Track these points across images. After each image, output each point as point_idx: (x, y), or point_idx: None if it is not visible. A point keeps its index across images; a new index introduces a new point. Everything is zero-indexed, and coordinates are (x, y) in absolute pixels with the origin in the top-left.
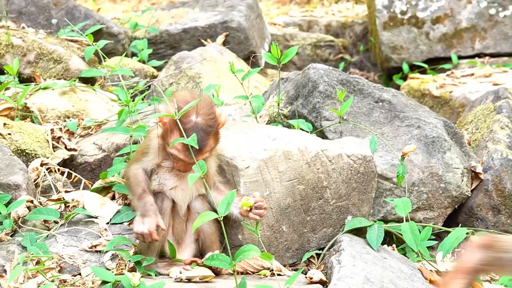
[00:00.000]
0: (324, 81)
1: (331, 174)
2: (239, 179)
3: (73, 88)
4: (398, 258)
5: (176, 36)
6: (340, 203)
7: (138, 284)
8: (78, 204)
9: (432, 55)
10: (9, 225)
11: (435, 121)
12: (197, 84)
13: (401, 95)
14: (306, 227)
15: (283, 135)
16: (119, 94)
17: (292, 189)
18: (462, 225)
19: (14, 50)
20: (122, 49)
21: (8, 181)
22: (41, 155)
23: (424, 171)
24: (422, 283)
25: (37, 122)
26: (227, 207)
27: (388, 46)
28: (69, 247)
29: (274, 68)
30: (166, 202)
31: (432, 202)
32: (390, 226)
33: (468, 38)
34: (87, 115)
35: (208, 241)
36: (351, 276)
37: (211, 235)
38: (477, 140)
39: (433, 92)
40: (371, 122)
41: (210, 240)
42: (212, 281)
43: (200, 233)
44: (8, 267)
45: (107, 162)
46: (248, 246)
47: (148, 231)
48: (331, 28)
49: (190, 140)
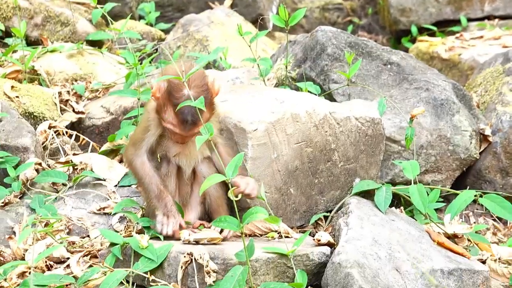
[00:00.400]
0: (332, 43)
1: (339, 136)
2: (247, 141)
3: (81, 51)
4: (406, 220)
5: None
6: (348, 166)
7: (146, 246)
8: (86, 166)
9: (441, 18)
10: (17, 187)
11: (443, 84)
12: (205, 47)
13: (410, 58)
14: (314, 189)
15: (291, 97)
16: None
17: (300, 152)
18: (470, 188)
19: (21, 12)
20: (129, 12)
21: (16, 144)
22: (49, 118)
23: (432, 134)
24: (429, 245)
25: (44, 85)
26: (235, 170)
27: (396, 9)
28: (77, 209)
29: (282, 31)
30: (172, 166)
31: (440, 164)
32: (398, 188)
33: (477, 0)
34: (94, 78)
35: (214, 205)
36: (358, 238)
37: (217, 198)
38: (486, 102)
39: (442, 54)
40: (380, 84)
41: (217, 204)
42: (221, 243)
43: (207, 196)
44: (17, 228)
45: (115, 125)
46: (256, 208)
47: (173, 232)
48: None
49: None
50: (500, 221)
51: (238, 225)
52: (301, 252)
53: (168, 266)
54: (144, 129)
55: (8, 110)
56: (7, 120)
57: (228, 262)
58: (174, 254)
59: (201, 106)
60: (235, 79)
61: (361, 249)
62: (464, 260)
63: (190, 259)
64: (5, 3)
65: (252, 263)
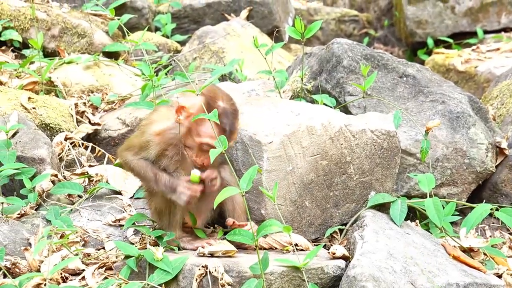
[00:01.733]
0: (348, 56)
1: (354, 149)
2: (262, 154)
3: (97, 62)
4: (421, 233)
5: (199, 11)
6: (363, 179)
7: (161, 258)
8: (102, 178)
9: (457, 30)
10: (33, 199)
11: (459, 96)
12: (221, 59)
13: (426, 70)
14: (329, 202)
15: (307, 110)
16: (142, 68)
17: (315, 165)
18: (486, 201)
19: (39, 24)
20: (145, 23)
21: (32, 155)
22: (65, 129)
23: (448, 147)
24: (445, 259)
25: (61, 97)
26: (249, 182)
27: (413, 21)
28: (93, 221)
29: (297, 43)
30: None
31: (456, 177)
32: (413, 201)
33: (494, 12)
34: (110, 89)
35: (239, 210)
36: (374, 251)
37: (241, 203)
38: (502, 115)
39: (458, 67)
40: (395, 97)
41: (242, 209)
42: (235, 256)
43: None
44: (33, 240)
45: None
46: (270, 221)
47: (191, 193)
48: (355, 3)
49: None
50: None
51: (252, 238)
52: (316, 265)
53: (183, 279)
54: (140, 148)
55: (24, 121)
56: (24, 132)
57: (242, 275)
58: (189, 266)
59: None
60: (251, 91)
61: (376, 262)
62: (480, 274)
63: (205, 272)
64: (22, 15)
65: (266, 276)
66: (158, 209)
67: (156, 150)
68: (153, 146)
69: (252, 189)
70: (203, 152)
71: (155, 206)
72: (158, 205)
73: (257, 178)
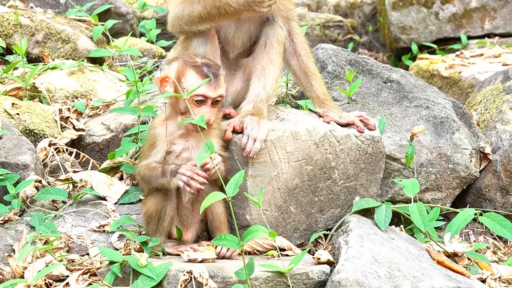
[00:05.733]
0: (333, 61)
1: (339, 154)
2: (247, 159)
3: (81, 68)
4: (405, 238)
5: None
6: (348, 184)
7: (145, 264)
8: (86, 184)
9: (441, 35)
10: (17, 205)
11: (444, 102)
12: None
13: (410, 76)
14: (314, 207)
15: (291, 115)
16: (127, 74)
17: (300, 170)
18: (470, 206)
19: (23, 29)
20: (130, 29)
21: (16, 161)
22: (49, 135)
23: (432, 152)
24: (429, 264)
25: (45, 102)
26: (235, 188)
27: (397, 26)
28: (77, 227)
29: None
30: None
31: (440, 182)
32: (398, 206)
33: (477, 18)
34: (95, 95)
35: (216, 221)
36: (358, 256)
37: (219, 215)
38: (486, 120)
39: (442, 72)
40: (380, 102)
41: (219, 220)
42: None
43: (208, 212)
44: (17, 246)
45: (115, 142)
46: (256, 226)
47: (191, 173)
48: (340, 8)
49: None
50: (500, 239)
51: (238, 243)
52: (301, 271)
53: (168, 285)
54: (150, 146)
55: (8, 127)
56: (8, 137)
57: (227, 280)
58: (173, 272)
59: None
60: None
61: (361, 267)
62: (464, 279)
63: (189, 277)
64: (6, 20)
65: (251, 281)
66: (148, 213)
67: (163, 146)
68: (159, 142)
69: (237, 195)
70: (200, 107)
71: (145, 210)
72: (150, 209)
73: (241, 184)
